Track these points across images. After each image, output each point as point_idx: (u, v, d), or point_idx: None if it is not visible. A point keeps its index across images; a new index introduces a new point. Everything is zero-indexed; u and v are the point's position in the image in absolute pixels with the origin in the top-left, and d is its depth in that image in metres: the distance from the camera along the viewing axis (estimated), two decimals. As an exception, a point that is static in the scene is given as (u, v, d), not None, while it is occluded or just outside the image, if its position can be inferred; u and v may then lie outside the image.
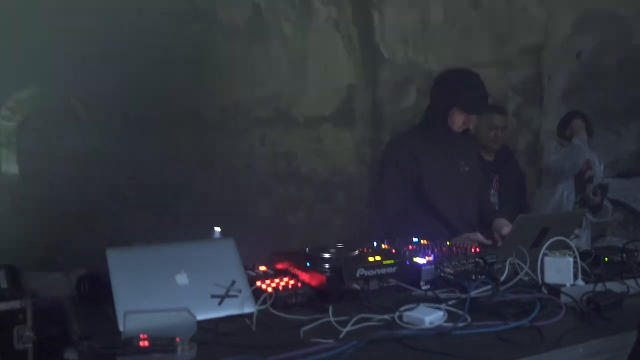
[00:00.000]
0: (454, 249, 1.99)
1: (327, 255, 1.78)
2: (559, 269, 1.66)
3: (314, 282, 1.66)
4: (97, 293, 1.59)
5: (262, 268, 1.85)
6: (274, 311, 1.50)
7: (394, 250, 1.93)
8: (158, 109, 3.62)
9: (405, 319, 1.42)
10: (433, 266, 1.77)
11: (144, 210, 3.48)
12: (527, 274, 1.72)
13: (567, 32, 4.75)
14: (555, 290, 1.62)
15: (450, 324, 1.38)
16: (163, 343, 1.14)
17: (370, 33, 4.86)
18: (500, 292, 1.60)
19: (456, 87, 2.59)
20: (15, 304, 1.44)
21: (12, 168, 3.29)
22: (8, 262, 1.58)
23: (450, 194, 2.64)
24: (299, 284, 1.66)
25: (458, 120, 2.61)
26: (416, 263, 1.78)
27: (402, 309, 1.45)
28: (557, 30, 4.80)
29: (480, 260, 1.88)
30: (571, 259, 1.67)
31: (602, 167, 4.20)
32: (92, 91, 3.29)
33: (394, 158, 2.68)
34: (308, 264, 1.74)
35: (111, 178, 3.44)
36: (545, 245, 1.72)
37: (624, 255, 1.97)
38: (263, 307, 1.50)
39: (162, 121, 3.65)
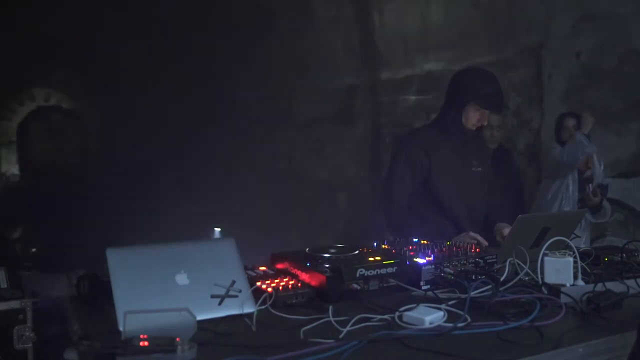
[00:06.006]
0: (454, 249, 1.99)
1: (327, 255, 1.78)
2: (559, 269, 1.66)
3: (314, 282, 1.66)
4: (97, 293, 1.59)
5: (262, 268, 1.85)
6: (274, 311, 1.50)
7: (394, 250, 1.93)
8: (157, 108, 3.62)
9: (405, 319, 1.42)
10: (433, 266, 1.77)
11: (143, 210, 3.48)
12: (527, 274, 1.72)
13: (567, 32, 4.75)
14: (555, 290, 1.62)
15: (450, 324, 1.37)
16: (163, 343, 1.14)
17: (370, 33, 4.86)
18: (500, 292, 1.60)
19: (472, 83, 2.58)
20: (15, 304, 1.44)
21: (12, 168, 3.29)
22: (9, 261, 1.58)
23: (459, 192, 2.63)
24: (299, 284, 1.66)
25: (473, 117, 2.59)
26: (416, 263, 1.78)
27: (402, 309, 1.45)
28: (557, 30, 4.80)
29: (480, 260, 1.88)
30: (571, 259, 1.67)
31: (602, 167, 4.20)
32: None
33: (405, 150, 2.67)
34: (308, 264, 1.74)
35: (110, 178, 3.45)
36: (545, 245, 1.72)
37: (624, 255, 1.97)
38: (263, 307, 1.50)
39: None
